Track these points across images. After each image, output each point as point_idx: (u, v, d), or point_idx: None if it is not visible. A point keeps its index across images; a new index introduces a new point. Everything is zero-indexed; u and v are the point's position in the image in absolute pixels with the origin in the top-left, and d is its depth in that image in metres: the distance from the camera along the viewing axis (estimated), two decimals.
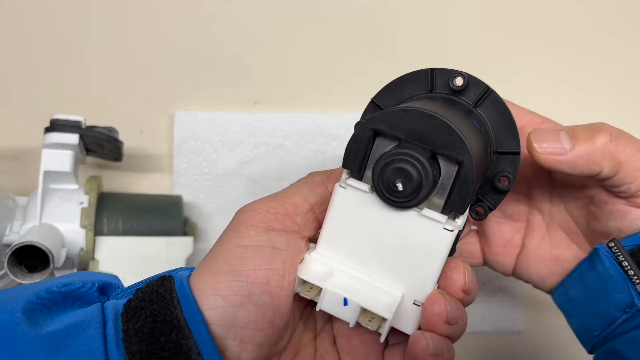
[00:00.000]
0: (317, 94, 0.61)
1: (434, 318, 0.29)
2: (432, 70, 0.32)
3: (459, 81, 0.32)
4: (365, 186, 0.29)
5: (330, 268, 0.30)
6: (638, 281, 0.33)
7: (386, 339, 0.30)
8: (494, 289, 0.59)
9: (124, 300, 0.28)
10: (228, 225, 0.30)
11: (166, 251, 0.50)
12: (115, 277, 0.31)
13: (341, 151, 0.59)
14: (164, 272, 0.30)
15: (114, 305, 0.28)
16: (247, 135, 0.59)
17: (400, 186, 0.27)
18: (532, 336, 0.60)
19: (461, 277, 0.30)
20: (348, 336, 0.33)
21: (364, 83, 0.61)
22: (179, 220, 0.52)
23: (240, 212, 0.30)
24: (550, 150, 0.34)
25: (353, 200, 0.29)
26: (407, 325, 0.30)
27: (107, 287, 0.30)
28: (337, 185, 0.29)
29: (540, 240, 0.41)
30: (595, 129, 0.34)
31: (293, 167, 0.59)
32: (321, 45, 0.62)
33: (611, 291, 0.34)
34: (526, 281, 0.42)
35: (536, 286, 0.42)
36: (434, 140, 0.27)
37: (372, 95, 0.34)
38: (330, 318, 0.34)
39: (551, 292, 0.41)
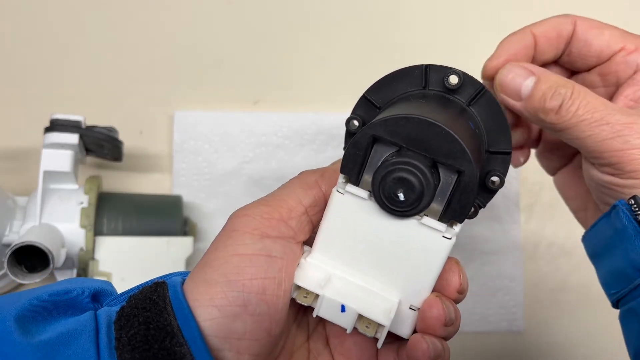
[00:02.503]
0: (317, 94, 0.61)
1: (432, 321, 0.29)
2: (427, 66, 0.32)
3: (454, 79, 0.32)
4: (364, 193, 0.28)
5: (326, 274, 0.29)
6: None
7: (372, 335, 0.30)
8: (494, 289, 0.59)
9: (117, 308, 0.27)
10: (222, 231, 0.30)
11: (166, 251, 0.50)
12: (109, 283, 0.31)
13: (341, 151, 0.59)
14: (157, 278, 0.30)
15: (107, 312, 0.27)
16: (247, 135, 0.59)
17: (401, 196, 0.27)
18: (532, 336, 0.60)
19: (457, 278, 0.30)
20: (341, 337, 0.33)
21: (364, 83, 0.61)
22: (179, 220, 0.52)
23: (234, 218, 0.30)
24: (507, 92, 0.35)
25: (351, 207, 0.29)
26: (404, 329, 0.30)
27: (99, 294, 0.30)
28: (334, 190, 0.29)
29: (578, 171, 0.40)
30: (560, 85, 0.34)
31: (293, 167, 0.59)
32: (321, 45, 0.62)
33: (629, 250, 0.32)
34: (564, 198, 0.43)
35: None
36: (435, 148, 0.27)
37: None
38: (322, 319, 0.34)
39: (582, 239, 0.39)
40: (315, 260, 0.30)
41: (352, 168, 0.28)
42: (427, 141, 0.27)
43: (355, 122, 0.33)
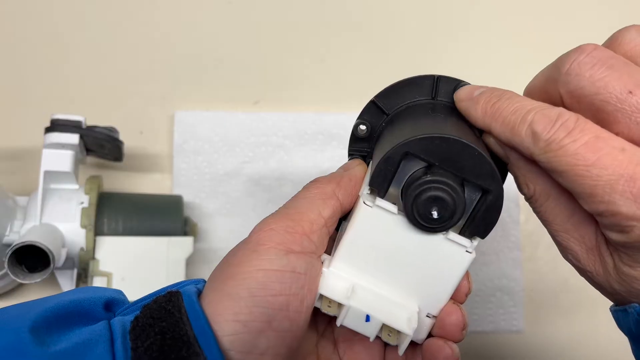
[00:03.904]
0: (317, 94, 0.61)
1: (452, 327, 0.30)
2: (438, 77, 0.33)
3: None
4: (393, 207, 0.29)
5: (350, 283, 0.30)
6: None
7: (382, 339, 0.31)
8: (494, 289, 0.59)
9: (130, 317, 0.27)
10: (246, 244, 0.29)
11: (166, 251, 0.50)
12: (120, 292, 0.31)
13: (341, 151, 0.59)
14: (170, 286, 0.30)
15: (121, 322, 0.27)
16: (247, 135, 0.59)
17: (435, 214, 0.27)
18: (532, 336, 0.60)
19: (466, 283, 0.31)
20: (350, 341, 0.33)
21: (364, 83, 0.61)
22: (179, 220, 0.52)
23: (260, 232, 0.29)
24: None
25: (378, 219, 0.29)
26: (420, 335, 0.31)
27: (112, 303, 0.30)
28: (361, 202, 0.30)
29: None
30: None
31: (293, 167, 0.59)
32: (321, 45, 0.62)
33: None
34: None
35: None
36: (467, 168, 0.28)
37: (372, 94, 0.34)
38: (330, 321, 0.34)
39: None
40: (337, 270, 0.30)
41: (381, 182, 0.29)
42: (459, 161, 0.27)
43: (363, 127, 0.33)
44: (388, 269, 0.30)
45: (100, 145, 0.51)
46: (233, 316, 0.27)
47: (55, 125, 0.48)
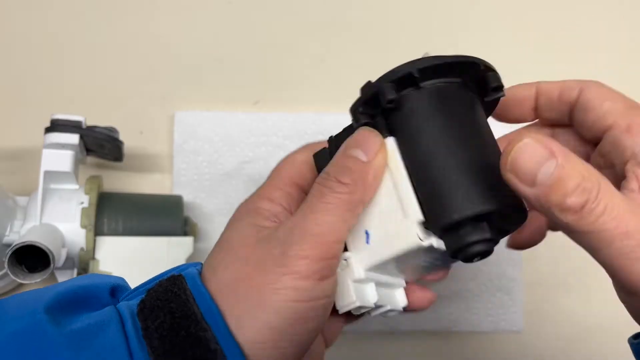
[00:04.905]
0: (317, 94, 0.61)
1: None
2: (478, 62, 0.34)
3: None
4: (441, 244, 0.30)
5: (372, 286, 0.33)
6: None
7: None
8: (494, 289, 0.59)
9: (136, 301, 0.29)
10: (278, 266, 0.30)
11: (166, 251, 0.50)
12: (123, 279, 0.33)
13: None
14: (171, 270, 0.31)
15: (127, 306, 0.29)
16: (247, 135, 0.59)
17: (477, 259, 0.30)
18: (532, 336, 0.60)
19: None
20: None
21: (364, 83, 0.61)
22: (179, 220, 0.52)
23: (294, 257, 0.30)
24: (518, 174, 0.26)
25: (420, 250, 0.30)
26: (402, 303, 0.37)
27: (116, 289, 0.31)
28: (415, 235, 0.30)
29: None
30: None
31: None
32: (321, 45, 0.62)
33: None
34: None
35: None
36: (510, 222, 0.31)
37: None
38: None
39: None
40: (360, 276, 0.32)
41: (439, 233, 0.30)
42: (508, 217, 0.30)
43: (392, 96, 0.32)
44: (396, 267, 0.33)
45: (100, 145, 0.51)
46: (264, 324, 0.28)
47: (55, 125, 0.48)
